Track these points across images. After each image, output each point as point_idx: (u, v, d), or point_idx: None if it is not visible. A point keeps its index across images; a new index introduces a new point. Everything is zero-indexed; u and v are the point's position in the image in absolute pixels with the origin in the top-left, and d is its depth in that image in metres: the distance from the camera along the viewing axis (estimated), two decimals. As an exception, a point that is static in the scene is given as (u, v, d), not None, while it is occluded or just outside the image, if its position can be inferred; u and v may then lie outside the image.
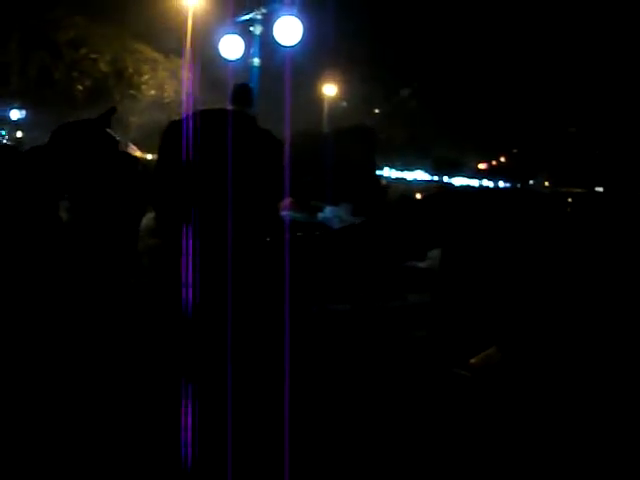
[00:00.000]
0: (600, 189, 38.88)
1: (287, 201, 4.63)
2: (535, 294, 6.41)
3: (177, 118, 2.87)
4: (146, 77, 23.23)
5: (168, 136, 2.89)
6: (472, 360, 4.81)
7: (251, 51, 8.56)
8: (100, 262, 2.85)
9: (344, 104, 35.48)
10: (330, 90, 32.35)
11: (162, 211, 2.94)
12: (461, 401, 4.27)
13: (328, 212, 9.43)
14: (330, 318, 3.29)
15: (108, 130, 3.21)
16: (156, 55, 23.50)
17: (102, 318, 2.69)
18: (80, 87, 22.18)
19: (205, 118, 2.84)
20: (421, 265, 5.15)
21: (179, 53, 21.01)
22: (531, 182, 47.29)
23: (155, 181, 2.46)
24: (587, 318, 5.68)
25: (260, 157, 2.87)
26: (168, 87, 23.48)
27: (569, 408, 4.16)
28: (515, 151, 49.84)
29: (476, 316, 5.59)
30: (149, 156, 22.67)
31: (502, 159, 50.38)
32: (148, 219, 3.37)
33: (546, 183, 47.36)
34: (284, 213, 4.31)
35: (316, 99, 31.04)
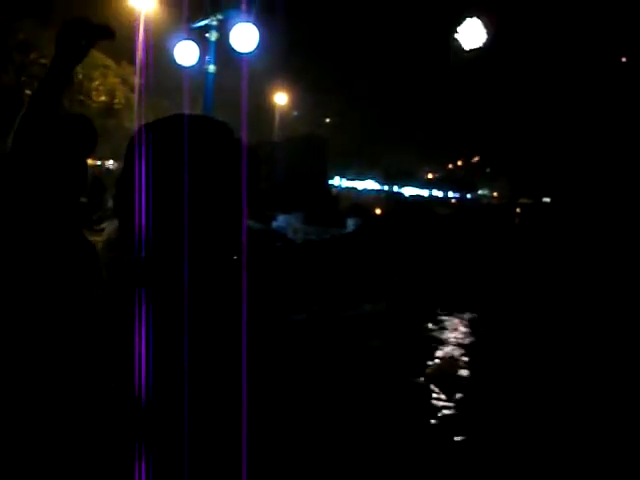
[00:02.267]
0: (547, 199, 39.49)
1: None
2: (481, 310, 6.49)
3: (145, 122, 2.76)
4: (96, 83, 22.96)
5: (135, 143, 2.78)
6: (428, 370, 4.84)
7: (206, 57, 8.49)
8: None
9: (295, 113, 35.47)
10: (282, 99, 32.30)
11: (125, 222, 2.85)
12: (418, 409, 4.27)
13: (281, 220, 9.43)
14: (288, 328, 3.26)
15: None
16: (107, 61, 23.25)
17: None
18: (29, 92, 21.80)
19: (173, 126, 2.75)
20: (377, 275, 5.18)
21: (131, 59, 20.84)
22: (480, 192, 47.84)
23: (119, 190, 2.39)
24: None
25: (236, 171, 2.76)
26: (119, 93, 23.24)
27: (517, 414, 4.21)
28: (463, 162, 50.36)
29: (429, 325, 5.64)
30: (98, 162, 22.32)
31: (452, 168, 50.85)
32: (110, 230, 3.29)
33: (495, 194, 47.96)
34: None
35: (268, 107, 30.98)
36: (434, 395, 4.44)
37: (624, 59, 34.38)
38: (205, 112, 8.70)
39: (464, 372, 4.97)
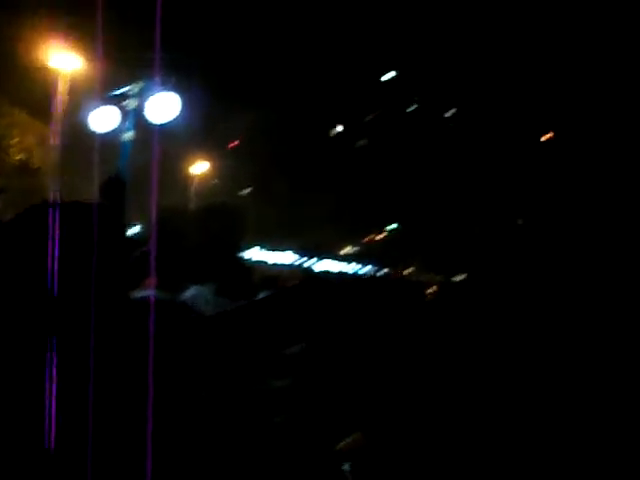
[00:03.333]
0: (462, 277, 40.02)
1: (149, 281, 4.53)
2: (391, 378, 6.51)
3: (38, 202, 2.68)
4: (15, 140, 22.72)
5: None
6: (338, 446, 4.81)
7: (125, 125, 8.48)
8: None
9: (214, 182, 35.59)
10: (201, 167, 32.38)
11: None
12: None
13: (192, 291, 9.33)
14: (189, 405, 3.20)
15: None
16: (28, 120, 23.06)
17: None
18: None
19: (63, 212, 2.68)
20: (288, 351, 5.15)
21: (50, 119, 20.71)
22: (394, 267, 48.37)
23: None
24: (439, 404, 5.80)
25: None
26: (36, 153, 23.02)
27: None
28: (384, 235, 50.98)
29: (339, 401, 5.61)
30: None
31: (371, 241, 51.36)
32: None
33: (410, 269, 48.56)
34: (148, 293, 4.21)
35: (187, 175, 31.00)
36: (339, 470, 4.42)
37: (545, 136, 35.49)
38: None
39: (375, 446, 4.96)
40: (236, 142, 37.54)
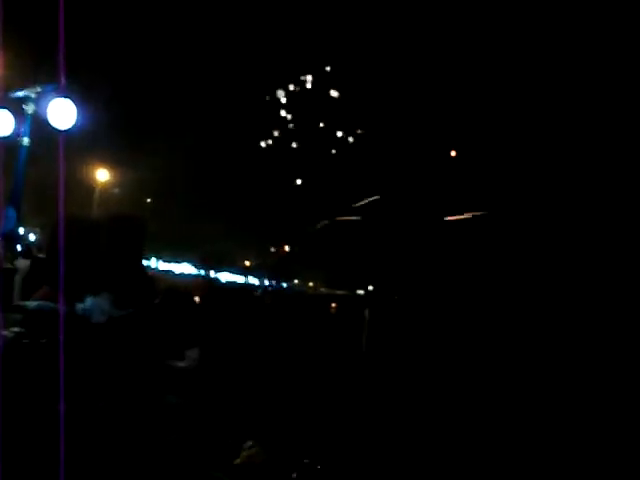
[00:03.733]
0: (361, 292, 40.42)
1: (45, 290, 4.41)
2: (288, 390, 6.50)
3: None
4: None
5: None
6: (236, 461, 4.74)
7: (22, 129, 8.26)
8: None
9: (116, 190, 35.02)
10: (103, 175, 31.83)
11: None
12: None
13: (89, 303, 9.06)
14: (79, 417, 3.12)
15: None
16: None
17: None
18: None
19: None
20: (180, 364, 5.07)
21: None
22: (296, 281, 48.47)
23: None
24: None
25: None
26: None
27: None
28: (280, 251, 51.02)
29: (235, 416, 5.56)
30: None
31: (271, 256, 51.29)
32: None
33: (310, 284, 48.71)
34: (39, 303, 4.10)
35: (87, 184, 30.40)
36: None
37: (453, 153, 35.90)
38: (16, 186, 8.44)
39: (272, 461, 4.92)
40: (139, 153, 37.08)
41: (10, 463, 2.09)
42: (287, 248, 50.47)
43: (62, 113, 6.77)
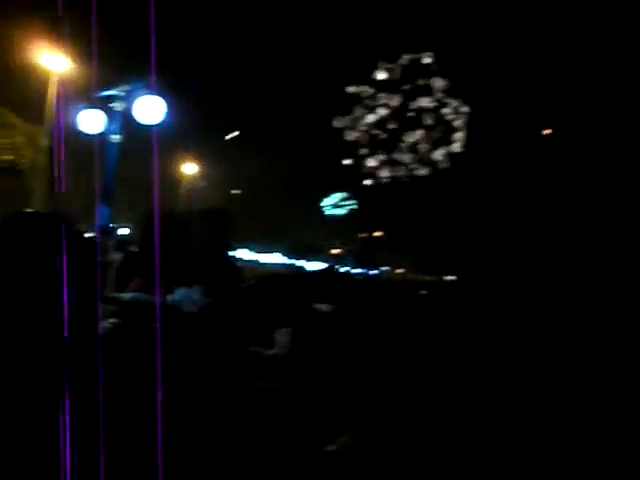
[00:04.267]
0: (452, 277, 40.11)
1: (137, 282, 4.54)
2: (386, 377, 6.50)
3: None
4: (3, 141, 22.68)
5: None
6: (328, 448, 4.78)
7: (112, 127, 8.49)
8: None
9: (203, 184, 35.53)
10: (191, 169, 32.33)
11: None
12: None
13: (179, 294, 9.26)
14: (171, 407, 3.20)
15: None
16: (15, 120, 23.04)
17: None
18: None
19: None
20: (269, 352, 5.14)
21: (40, 120, 20.65)
22: (384, 268, 48.44)
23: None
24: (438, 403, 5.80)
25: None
26: (24, 153, 22.98)
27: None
28: (367, 236, 50.97)
29: (328, 403, 5.61)
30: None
31: (361, 242, 51.34)
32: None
33: (399, 270, 48.60)
34: (133, 295, 4.22)
35: (175, 178, 30.95)
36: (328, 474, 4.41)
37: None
38: (107, 183, 8.70)
39: (366, 447, 4.93)
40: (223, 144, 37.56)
41: (112, 451, 2.17)
42: (377, 234, 50.41)
43: (151, 110, 6.93)
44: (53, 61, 19.10)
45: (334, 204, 48.04)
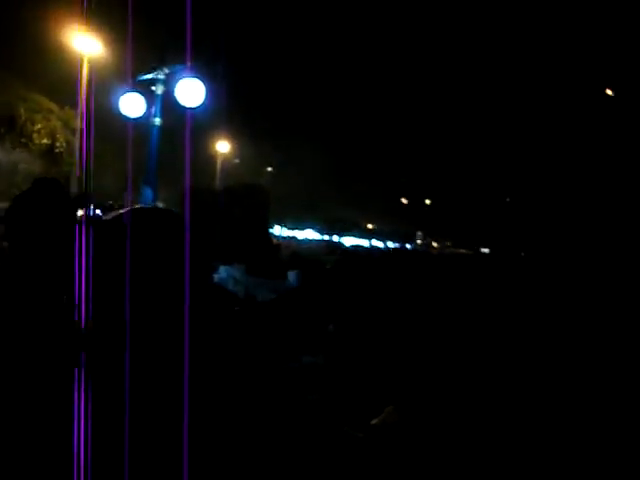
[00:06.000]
0: (486, 250, 40.18)
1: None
2: (426, 354, 6.57)
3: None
4: (39, 126, 22.86)
5: None
6: (373, 421, 4.88)
7: (152, 110, 8.58)
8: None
9: (237, 161, 35.58)
10: (223, 147, 32.37)
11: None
12: (356, 461, 4.32)
13: (222, 272, 9.36)
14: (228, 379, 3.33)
15: None
16: (50, 104, 23.21)
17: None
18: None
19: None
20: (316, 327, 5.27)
21: (74, 104, 20.71)
22: (418, 241, 48.48)
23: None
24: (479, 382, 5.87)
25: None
26: (60, 137, 23.16)
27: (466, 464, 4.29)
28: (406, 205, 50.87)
29: (371, 377, 5.70)
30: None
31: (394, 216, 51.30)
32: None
33: (434, 244, 48.67)
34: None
35: (209, 155, 31.02)
36: (371, 445, 4.49)
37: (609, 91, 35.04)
38: (150, 165, 8.80)
39: (409, 424, 4.99)
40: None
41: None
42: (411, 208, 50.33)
43: (191, 92, 6.98)
44: (86, 43, 19.17)
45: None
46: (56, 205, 2.72)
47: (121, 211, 2.77)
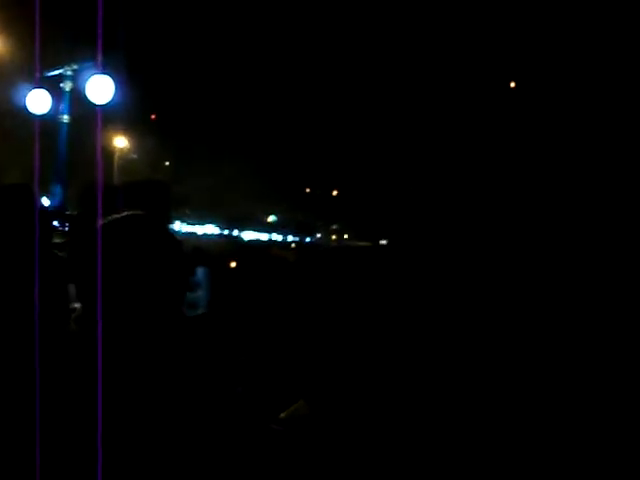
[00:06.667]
0: (384, 242, 40.71)
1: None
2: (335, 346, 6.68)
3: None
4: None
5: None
6: (282, 415, 4.93)
7: (60, 107, 8.46)
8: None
9: (134, 156, 35.15)
10: (121, 142, 31.93)
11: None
12: (274, 453, 4.36)
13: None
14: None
15: None
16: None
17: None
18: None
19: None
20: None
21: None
22: (318, 235, 48.81)
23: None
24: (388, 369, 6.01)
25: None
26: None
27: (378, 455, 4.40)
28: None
29: (286, 370, 5.77)
30: None
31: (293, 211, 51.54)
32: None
33: (333, 237, 49.12)
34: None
35: (106, 151, 30.52)
36: (285, 438, 4.55)
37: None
38: (59, 163, 8.65)
39: (315, 416, 5.06)
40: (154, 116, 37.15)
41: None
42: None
43: (101, 89, 6.91)
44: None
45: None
46: (23, 215, 2.70)
47: (116, 216, 2.72)
